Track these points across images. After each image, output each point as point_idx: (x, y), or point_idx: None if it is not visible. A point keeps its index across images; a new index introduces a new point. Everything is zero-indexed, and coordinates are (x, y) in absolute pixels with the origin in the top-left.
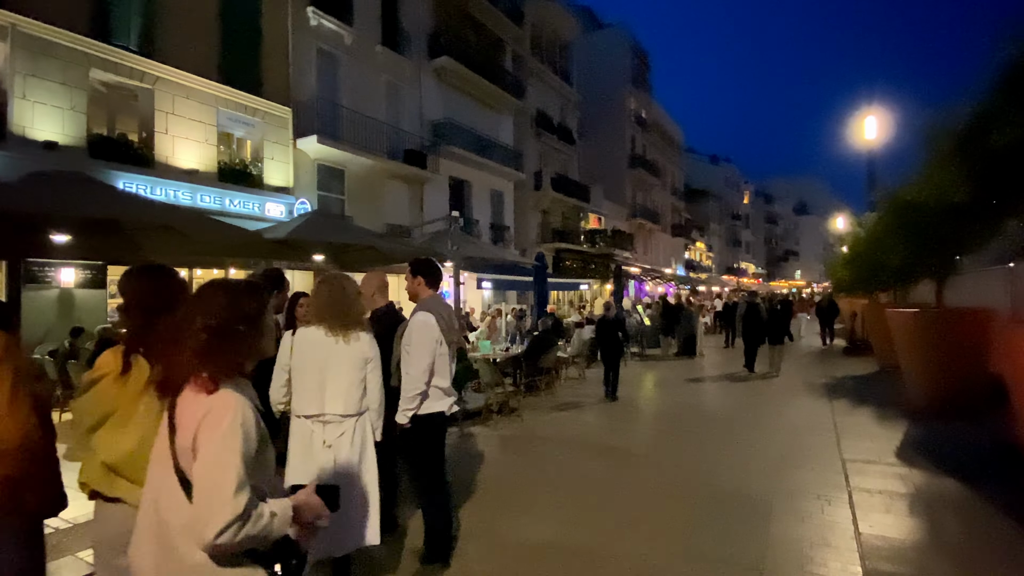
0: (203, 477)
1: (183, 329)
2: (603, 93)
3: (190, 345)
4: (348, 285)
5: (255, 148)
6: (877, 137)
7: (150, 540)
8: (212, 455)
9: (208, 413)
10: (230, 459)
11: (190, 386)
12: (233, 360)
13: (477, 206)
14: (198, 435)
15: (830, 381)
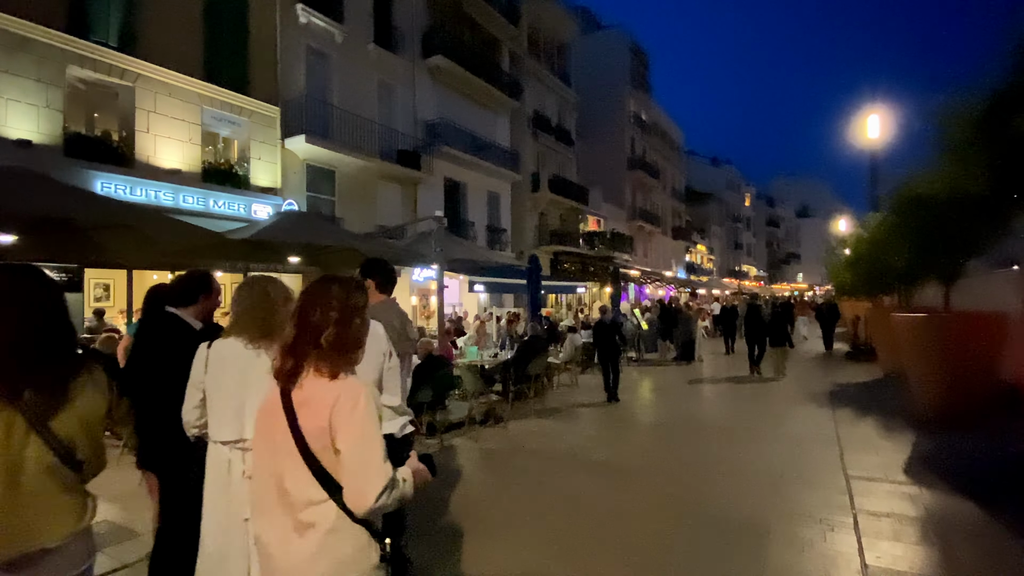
0: (354, 452)
1: (306, 322)
2: (602, 94)
3: (318, 337)
4: (274, 288)
5: (242, 148)
6: (880, 136)
7: (277, 515)
8: (358, 432)
9: (339, 397)
10: (374, 434)
11: (308, 375)
12: (353, 350)
13: (473, 208)
14: (334, 417)
15: (832, 388)
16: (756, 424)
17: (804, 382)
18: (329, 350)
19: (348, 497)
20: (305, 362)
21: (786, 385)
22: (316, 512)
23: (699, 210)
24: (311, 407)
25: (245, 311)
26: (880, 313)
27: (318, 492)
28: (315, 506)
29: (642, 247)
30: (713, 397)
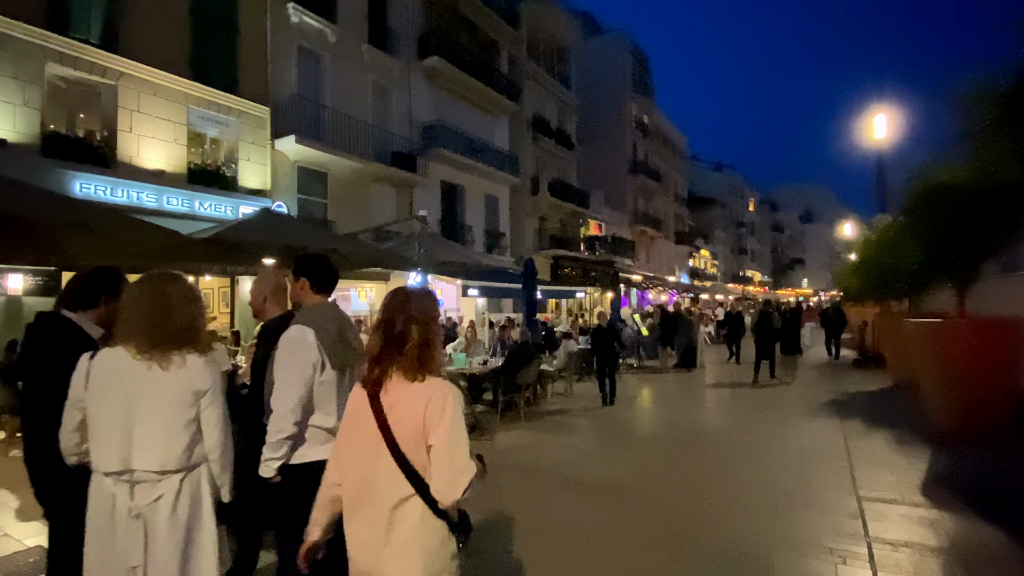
0: (445, 448)
1: (391, 331)
2: (603, 98)
3: (403, 345)
4: (173, 287)
5: (230, 149)
6: (887, 136)
7: (367, 513)
8: (448, 430)
9: (431, 398)
10: (461, 431)
11: (393, 380)
12: (438, 354)
13: (470, 211)
14: (427, 417)
15: (840, 398)
16: (760, 437)
17: (810, 391)
18: (414, 356)
19: (437, 488)
20: (390, 369)
21: (791, 394)
22: (404, 507)
23: (702, 215)
24: (400, 409)
25: (133, 314)
26: (889, 319)
27: (406, 488)
28: (404, 501)
29: (644, 252)
30: (714, 407)
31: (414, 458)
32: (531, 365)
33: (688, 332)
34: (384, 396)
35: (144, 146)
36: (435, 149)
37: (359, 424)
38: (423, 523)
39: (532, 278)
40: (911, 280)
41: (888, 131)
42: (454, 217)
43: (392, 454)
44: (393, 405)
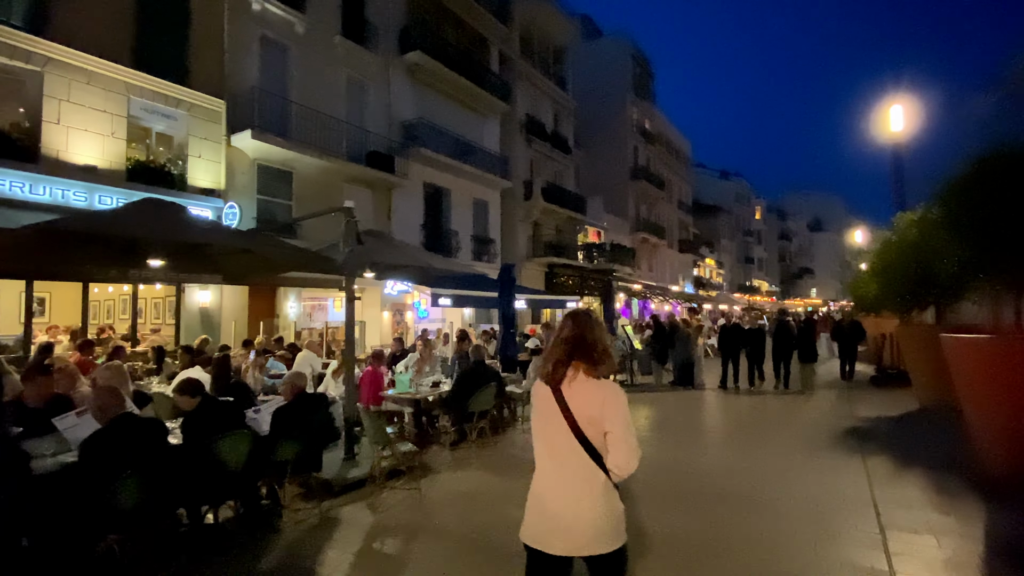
0: (621, 433)
1: (582, 342)
2: (604, 102)
3: (592, 352)
4: None
5: (179, 144)
6: (904, 128)
7: (558, 477)
8: (623, 420)
9: (608, 395)
10: (630, 421)
11: (578, 379)
12: (611, 360)
13: (457, 216)
14: (605, 408)
15: (859, 424)
16: (765, 481)
17: (824, 414)
18: (599, 361)
19: (616, 463)
20: (576, 369)
21: (802, 419)
22: (592, 474)
23: (708, 223)
24: (582, 400)
25: None
26: (915, 332)
27: (589, 460)
28: (590, 470)
29: (646, 260)
30: (710, 439)
31: (591, 436)
32: (484, 390)
33: (685, 346)
34: (565, 389)
35: (74, 139)
36: (416, 149)
37: (547, 409)
38: (609, 489)
39: (510, 285)
40: (947, 285)
41: (905, 123)
42: (439, 222)
43: (573, 431)
44: (573, 396)
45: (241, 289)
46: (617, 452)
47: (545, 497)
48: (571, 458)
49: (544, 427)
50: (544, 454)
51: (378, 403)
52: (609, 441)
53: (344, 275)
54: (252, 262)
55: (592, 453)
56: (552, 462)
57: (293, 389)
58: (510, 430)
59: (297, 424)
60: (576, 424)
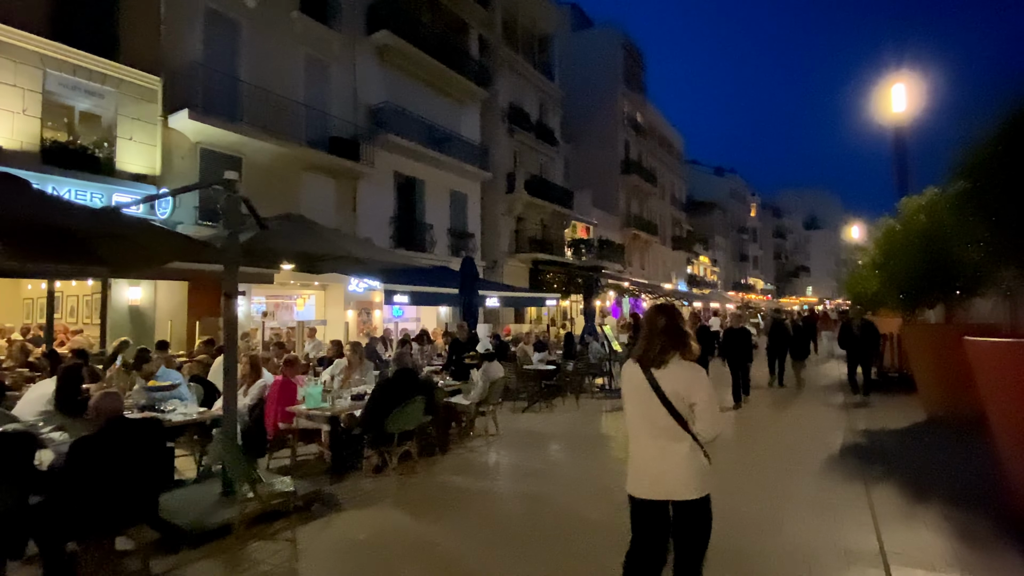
0: (706, 407)
1: (677, 330)
2: (593, 94)
3: (684, 339)
4: None
5: (107, 125)
6: (907, 109)
7: (652, 440)
8: (707, 395)
9: (694, 377)
10: (713, 394)
11: (674, 361)
12: (695, 346)
13: (432, 209)
14: (692, 386)
15: (859, 440)
16: (747, 527)
17: (819, 427)
18: (690, 347)
19: (702, 428)
20: (667, 353)
21: (795, 435)
22: (680, 437)
23: (702, 220)
24: (672, 378)
25: None
26: (923, 332)
27: (676, 425)
28: (679, 433)
29: (638, 257)
30: None
31: (678, 407)
32: (407, 406)
33: None
34: (655, 370)
35: None
36: (384, 136)
37: (640, 386)
38: (695, 449)
39: (472, 280)
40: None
41: (908, 103)
42: (412, 215)
43: (663, 404)
44: (664, 375)
45: (179, 285)
46: (703, 420)
47: (642, 456)
48: (661, 424)
49: (638, 401)
50: (638, 423)
51: (288, 420)
52: (696, 411)
53: (225, 265)
54: (132, 250)
55: (678, 419)
56: (646, 429)
57: (99, 413)
58: (453, 452)
59: (106, 462)
60: (666, 398)
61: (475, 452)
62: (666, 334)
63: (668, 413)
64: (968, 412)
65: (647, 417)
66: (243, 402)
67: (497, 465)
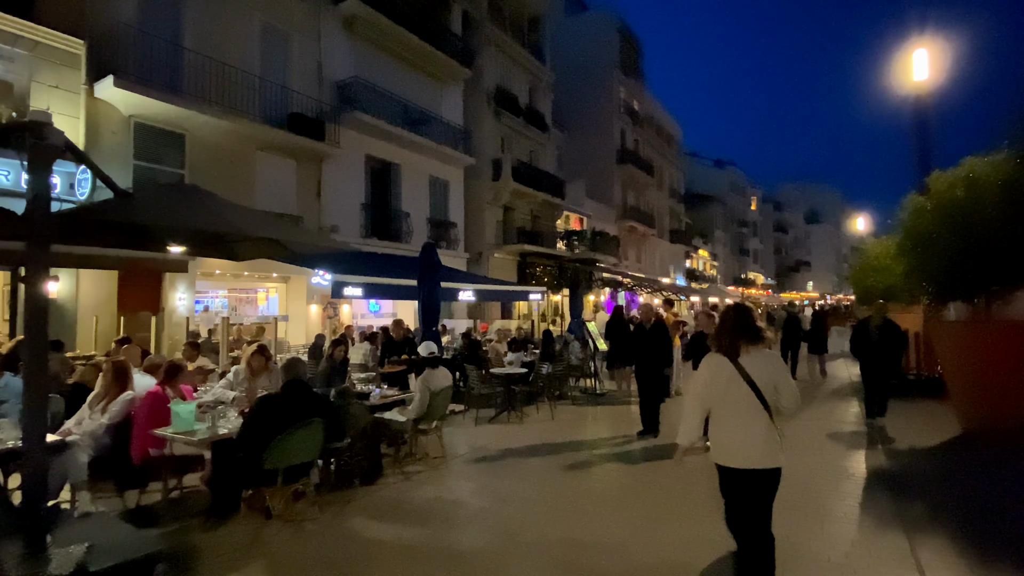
0: (788, 389)
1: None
2: (588, 80)
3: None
4: None
5: (20, 94)
6: (930, 77)
7: (736, 419)
8: (787, 379)
9: (774, 361)
10: (791, 376)
11: (749, 351)
12: (768, 335)
13: (410, 196)
14: (775, 372)
15: (886, 466)
16: None
17: (839, 445)
18: (764, 338)
19: (787, 406)
20: (743, 344)
21: (812, 457)
22: (762, 416)
23: (701, 213)
24: (756, 365)
25: None
26: (960, 331)
27: (758, 404)
28: (758, 411)
29: (634, 251)
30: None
31: (762, 388)
32: (296, 433)
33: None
34: (742, 358)
35: None
36: (353, 114)
37: (726, 372)
38: (772, 428)
39: (432, 269)
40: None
41: (931, 70)
42: (386, 202)
43: (751, 388)
44: (748, 362)
45: (108, 274)
46: (787, 398)
47: (727, 433)
48: (745, 405)
49: (725, 386)
50: (723, 405)
51: (159, 446)
52: (780, 391)
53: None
54: None
55: (761, 400)
56: (731, 409)
57: None
58: (382, 483)
59: None
60: (752, 381)
61: (409, 483)
62: (742, 328)
63: (753, 394)
64: (1016, 425)
65: (733, 400)
66: (97, 422)
67: (431, 504)
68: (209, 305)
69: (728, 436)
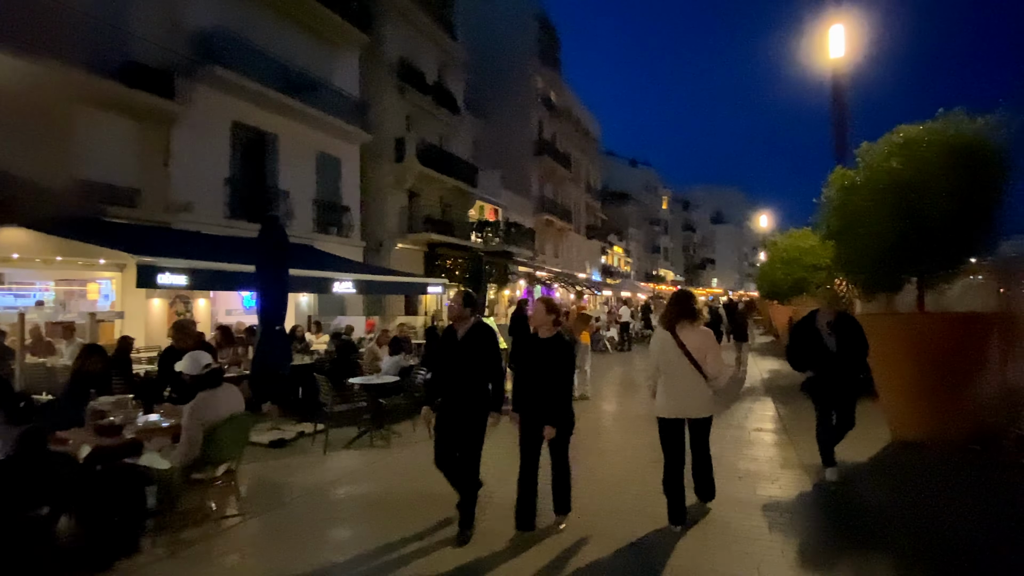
0: (713, 358)
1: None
2: (504, 66)
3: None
4: None
5: None
6: (847, 53)
7: (682, 378)
8: (715, 351)
9: (706, 337)
10: (718, 348)
11: (686, 327)
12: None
13: (291, 172)
14: (704, 344)
15: (822, 489)
16: None
17: (756, 461)
18: (696, 317)
19: (711, 373)
20: (683, 321)
21: (728, 475)
22: (697, 377)
23: (617, 211)
24: (690, 339)
25: None
26: (893, 324)
27: (695, 370)
28: (699, 378)
29: (551, 245)
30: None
31: (697, 357)
32: None
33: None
34: (680, 332)
35: None
36: (215, 70)
37: (669, 343)
38: (705, 390)
39: (279, 252)
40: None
41: (848, 47)
42: (260, 178)
43: (688, 358)
44: (685, 337)
45: None
46: (712, 364)
47: (673, 392)
48: (685, 370)
49: (670, 355)
50: (669, 370)
51: None
52: (708, 359)
53: None
54: None
55: (695, 365)
56: (675, 373)
57: None
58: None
59: None
60: (688, 351)
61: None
62: (682, 306)
63: (689, 362)
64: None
65: (676, 365)
66: None
67: None
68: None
69: (671, 393)
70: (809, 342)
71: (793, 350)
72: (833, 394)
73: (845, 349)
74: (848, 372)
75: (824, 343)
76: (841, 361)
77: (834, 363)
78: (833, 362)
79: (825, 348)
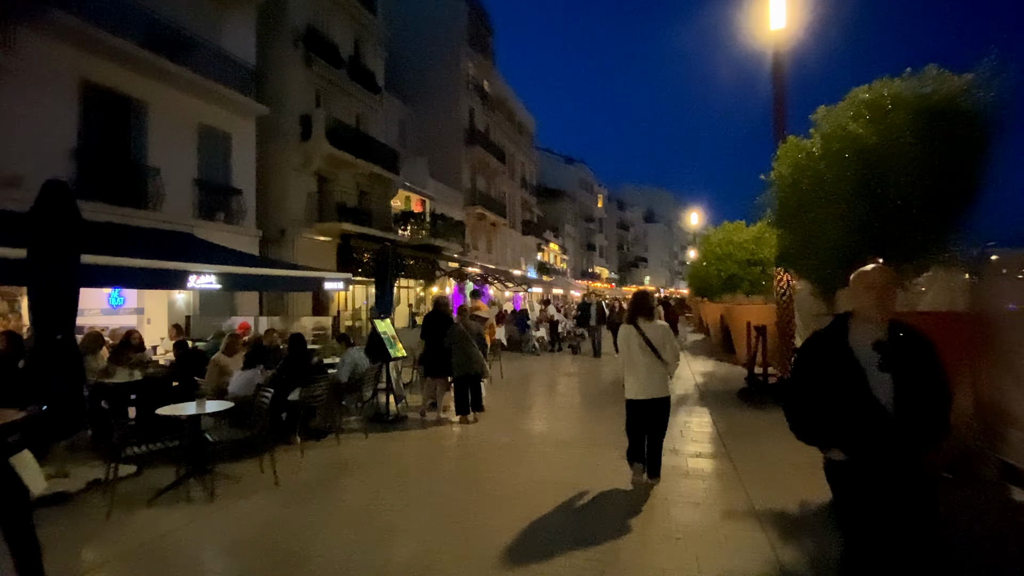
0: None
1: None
2: (432, 49)
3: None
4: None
5: None
6: (787, 26)
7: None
8: (672, 343)
9: (664, 331)
10: (675, 339)
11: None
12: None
13: (164, 147)
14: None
15: (767, 553)
16: None
17: (710, 502)
18: (655, 313)
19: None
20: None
21: (660, 548)
22: (658, 367)
23: (552, 207)
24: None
25: None
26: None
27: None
28: (657, 365)
29: (484, 240)
30: None
31: (657, 347)
32: None
33: (463, 351)
34: (642, 325)
35: None
36: (51, 13)
37: (633, 336)
38: (663, 375)
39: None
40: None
41: (789, 19)
42: (122, 150)
43: (649, 348)
44: (645, 329)
45: None
46: (670, 352)
47: (638, 376)
48: (647, 359)
49: (633, 346)
50: (633, 358)
51: None
52: (666, 348)
53: None
54: None
55: (657, 355)
56: (637, 360)
57: None
58: None
59: None
60: (650, 342)
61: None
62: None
63: (651, 351)
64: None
65: (640, 355)
66: None
67: None
68: None
69: (636, 378)
70: (837, 384)
71: (799, 400)
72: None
73: (911, 398)
74: (916, 449)
75: (868, 385)
76: (904, 426)
77: (891, 429)
78: (889, 427)
79: (870, 397)
